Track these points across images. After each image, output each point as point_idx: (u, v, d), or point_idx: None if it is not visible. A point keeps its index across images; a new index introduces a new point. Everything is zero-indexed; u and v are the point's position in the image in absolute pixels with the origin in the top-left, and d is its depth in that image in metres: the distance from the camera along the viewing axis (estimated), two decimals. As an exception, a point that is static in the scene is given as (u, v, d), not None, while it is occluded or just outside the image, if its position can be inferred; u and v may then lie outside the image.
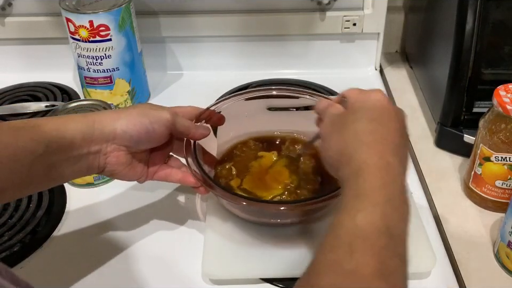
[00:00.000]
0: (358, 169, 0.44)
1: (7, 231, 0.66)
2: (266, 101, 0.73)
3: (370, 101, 0.50)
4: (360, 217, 0.40)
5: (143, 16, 0.91)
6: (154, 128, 0.57)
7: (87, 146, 0.54)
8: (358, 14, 0.92)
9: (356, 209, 0.41)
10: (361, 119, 0.49)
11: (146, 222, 0.67)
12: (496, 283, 0.59)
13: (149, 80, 0.93)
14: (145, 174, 0.61)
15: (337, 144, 0.49)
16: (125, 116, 0.56)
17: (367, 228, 0.40)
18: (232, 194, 0.60)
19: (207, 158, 0.66)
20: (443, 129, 0.76)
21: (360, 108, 0.51)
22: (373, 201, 0.42)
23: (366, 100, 0.51)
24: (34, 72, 0.98)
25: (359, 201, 0.42)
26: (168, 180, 0.62)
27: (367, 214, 0.41)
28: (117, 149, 0.56)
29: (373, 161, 0.45)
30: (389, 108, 0.50)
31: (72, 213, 0.69)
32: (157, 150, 0.61)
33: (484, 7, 0.68)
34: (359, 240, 0.39)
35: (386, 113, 0.49)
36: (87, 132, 0.54)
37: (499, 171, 0.64)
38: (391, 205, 0.42)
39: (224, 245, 0.61)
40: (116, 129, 0.55)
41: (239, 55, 0.98)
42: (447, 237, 0.64)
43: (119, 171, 0.58)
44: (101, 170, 0.57)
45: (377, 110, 0.50)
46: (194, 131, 0.61)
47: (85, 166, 0.55)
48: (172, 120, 0.58)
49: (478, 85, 0.72)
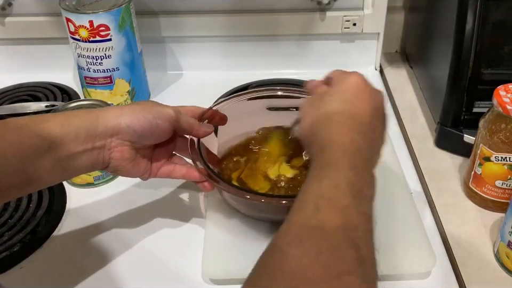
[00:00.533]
0: (324, 145, 0.47)
1: (7, 231, 0.66)
2: (266, 101, 0.73)
3: (348, 82, 0.52)
4: (325, 182, 0.43)
5: (143, 16, 0.91)
6: (158, 123, 0.57)
7: (91, 141, 0.54)
8: (358, 14, 0.92)
9: (321, 176, 0.44)
10: (335, 100, 0.51)
11: (146, 222, 0.67)
12: (496, 283, 0.59)
13: (149, 80, 0.93)
14: (148, 170, 0.61)
15: (310, 123, 0.51)
16: (129, 111, 0.57)
17: (332, 190, 0.42)
18: (237, 188, 0.60)
19: (210, 157, 0.66)
20: (443, 129, 0.76)
21: (336, 89, 0.52)
22: (338, 168, 0.44)
23: (343, 81, 0.52)
24: (34, 72, 0.98)
25: (325, 170, 0.44)
26: (172, 175, 0.62)
27: (331, 178, 0.43)
28: (121, 144, 0.56)
29: (338, 138, 0.47)
30: (364, 90, 0.51)
31: (72, 213, 0.69)
32: (161, 147, 0.62)
33: (484, 7, 0.68)
34: (324, 200, 0.41)
35: (360, 94, 0.51)
36: (91, 127, 0.54)
37: (499, 171, 0.64)
38: (354, 172, 0.44)
39: (225, 244, 0.61)
40: (120, 124, 0.55)
41: (239, 55, 0.98)
42: (447, 237, 0.64)
43: (123, 166, 0.58)
44: (105, 166, 0.57)
45: (351, 91, 0.51)
46: (198, 128, 0.62)
47: (90, 161, 0.55)
48: (175, 116, 0.58)
49: (478, 85, 0.72)
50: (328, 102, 0.51)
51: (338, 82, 0.53)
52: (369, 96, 0.51)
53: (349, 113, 0.49)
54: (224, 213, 0.65)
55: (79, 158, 0.54)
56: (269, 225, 0.63)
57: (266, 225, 0.63)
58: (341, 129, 0.48)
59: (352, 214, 0.41)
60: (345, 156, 0.45)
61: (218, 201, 0.66)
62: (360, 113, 0.49)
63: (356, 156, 0.45)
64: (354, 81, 0.52)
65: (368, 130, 0.49)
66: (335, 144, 0.46)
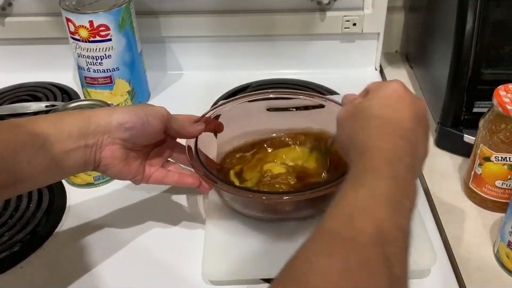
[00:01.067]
0: (364, 150, 0.45)
1: (7, 231, 0.66)
2: (266, 102, 0.73)
3: (386, 89, 0.51)
4: (363, 191, 0.41)
5: (143, 16, 0.91)
6: (149, 120, 0.57)
7: (84, 139, 0.54)
8: (358, 14, 0.92)
9: (359, 184, 0.42)
10: (373, 105, 0.49)
11: (146, 222, 0.67)
12: (496, 283, 0.59)
13: (149, 80, 0.93)
14: (140, 173, 0.60)
15: (348, 128, 0.50)
16: (121, 110, 0.58)
17: (368, 199, 0.40)
18: (234, 186, 0.60)
19: (208, 161, 0.66)
20: (443, 129, 0.76)
21: (374, 96, 0.51)
22: (376, 176, 0.42)
23: (382, 89, 0.51)
24: (34, 72, 0.98)
25: (363, 177, 0.42)
26: (164, 181, 0.62)
27: (369, 187, 0.41)
28: (112, 142, 0.56)
29: (378, 143, 0.45)
30: (404, 96, 0.50)
31: (72, 213, 0.69)
32: (155, 152, 0.62)
33: (484, 7, 0.68)
34: (359, 210, 0.39)
35: (400, 100, 0.49)
36: (84, 126, 0.55)
37: (499, 171, 0.64)
38: (394, 181, 0.42)
39: (225, 246, 0.61)
40: (112, 122, 0.56)
41: (239, 55, 0.98)
42: (447, 237, 0.64)
43: (113, 165, 0.57)
44: (96, 165, 0.57)
45: (390, 97, 0.50)
46: (189, 126, 0.62)
47: (83, 159, 0.55)
48: (166, 115, 0.59)
49: (478, 85, 0.72)
50: (367, 107, 0.49)
51: (377, 90, 0.51)
52: (410, 102, 0.49)
53: (390, 117, 0.47)
54: (224, 215, 0.65)
55: (72, 155, 0.54)
56: (269, 226, 0.63)
57: (266, 227, 0.63)
58: (381, 133, 0.46)
59: (388, 227, 0.38)
60: (386, 163, 0.43)
61: (218, 203, 0.66)
62: (402, 118, 0.47)
63: (397, 163, 0.43)
64: (394, 88, 0.50)
65: (411, 136, 0.46)
66: (376, 150, 0.44)
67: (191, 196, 0.71)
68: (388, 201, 0.40)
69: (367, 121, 0.48)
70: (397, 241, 0.38)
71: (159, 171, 0.62)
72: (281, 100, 0.73)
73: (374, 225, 0.38)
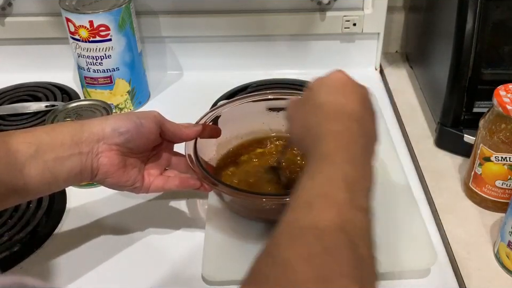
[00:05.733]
0: (318, 136, 0.45)
1: (7, 231, 0.66)
2: (266, 102, 0.73)
3: (330, 79, 0.51)
4: (320, 178, 0.41)
5: (143, 16, 0.91)
6: (142, 122, 0.57)
7: (77, 147, 0.54)
8: (358, 14, 0.92)
9: (317, 171, 0.42)
10: (320, 93, 0.50)
11: (147, 222, 0.67)
12: (496, 283, 0.59)
13: (149, 80, 0.93)
14: (139, 180, 0.59)
15: (299, 120, 0.51)
16: (112, 117, 0.59)
17: (325, 185, 0.40)
18: (233, 188, 0.60)
19: (207, 166, 0.66)
20: (443, 129, 0.76)
21: (320, 85, 0.51)
22: (333, 160, 0.42)
23: (326, 79, 0.52)
24: (34, 72, 0.98)
25: (320, 164, 0.43)
26: (165, 187, 0.61)
27: (327, 173, 0.41)
28: (108, 148, 0.56)
29: (332, 127, 0.46)
30: (348, 83, 0.51)
31: (72, 213, 0.69)
32: (152, 162, 0.61)
33: (484, 7, 0.68)
34: (318, 197, 0.39)
35: (345, 87, 0.50)
36: (76, 134, 0.54)
37: (499, 171, 0.64)
38: (351, 163, 0.42)
39: (225, 247, 0.61)
40: (105, 128, 0.56)
41: (239, 55, 0.98)
42: (447, 237, 0.64)
43: (112, 173, 0.56)
44: (94, 174, 0.56)
45: (335, 85, 0.50)
46: (185, 127, 0.61)
47: (78, 167, 0.54)
48: (159, 116, 0.59)
49: (478, 85, 0.72)
50: (313, 97, 0.50)
51: (320, 81, 0.52)
52: (355, 88, 0.50)
53: (339, 102, 0.48)
54: (224, 216, 0.65)
55: (66, 162, 0.53)
56: (269, 227, 0.63)
57: (266, 228, 0.63)
58: (333, 117, 0.47)
59: (348, 209, 0.38)
60: (342, 146, 0.43)
61: (218, 204, 0.66)
62: (350, 103, 0.48)
63: (352, 145, 0.44)
64: (338, 76, 0.51)
65: (361, 119, 0.47)
66: (330, 133, 0.45)
67: (192, 196, 0.70)
68: (345, 183, 0.40)
69: (317, 108, 0.49)
70: (359, 221, 0.38)
71: (159, 178, 0.61)
72: (281, 100, 0.73)
73: (333, 209, 0.38)
